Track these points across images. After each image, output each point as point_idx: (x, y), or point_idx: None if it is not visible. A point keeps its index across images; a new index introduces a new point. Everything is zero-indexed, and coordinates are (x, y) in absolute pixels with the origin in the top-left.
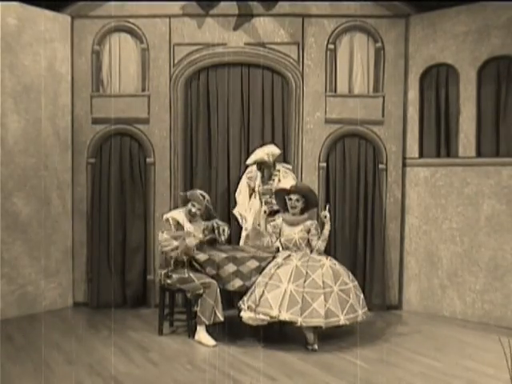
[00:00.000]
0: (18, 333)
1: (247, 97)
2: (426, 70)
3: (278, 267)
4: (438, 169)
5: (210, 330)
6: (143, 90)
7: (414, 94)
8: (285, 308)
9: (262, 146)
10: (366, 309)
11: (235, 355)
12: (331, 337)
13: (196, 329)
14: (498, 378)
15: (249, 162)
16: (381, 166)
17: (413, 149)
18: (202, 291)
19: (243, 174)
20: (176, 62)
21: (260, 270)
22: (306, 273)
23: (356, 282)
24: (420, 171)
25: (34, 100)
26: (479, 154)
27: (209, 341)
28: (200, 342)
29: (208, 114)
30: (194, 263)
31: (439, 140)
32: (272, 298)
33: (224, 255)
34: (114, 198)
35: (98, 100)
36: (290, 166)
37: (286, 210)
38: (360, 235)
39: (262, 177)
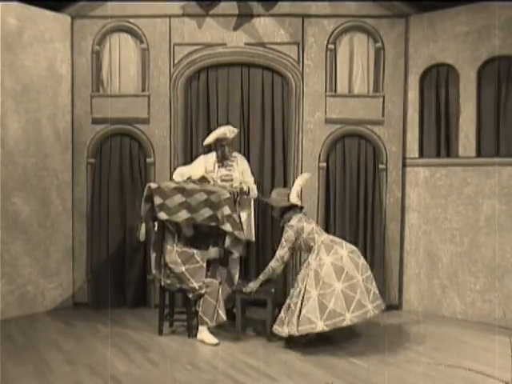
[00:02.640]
0: (17, 333)
1: (247, 97)
2: (426, 70)
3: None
4: (437, 169)
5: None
6: (143, 90)
7: (413, 94)
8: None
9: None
10: (378, 302)
11: (235, 355)
12: (331, 337)
13: (197, 329)
14: (497, 378)
15: (208, 140)
16: (381, 166)
17: (413, 149)
18: (203, 291)
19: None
20: (176, 62)
21: (209, 204)
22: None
23: (360, 278)
24: (420, 171)
25: (34, 100)
26: (479, 154)
27: (211, 339)
28: (203, 341)
29: (208, 114)
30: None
31: (439, 140)
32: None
33: (173, 185)
34: (114, 198)
35: (98, 100)
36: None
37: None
38: (360, 235)
39: (220, 162)
